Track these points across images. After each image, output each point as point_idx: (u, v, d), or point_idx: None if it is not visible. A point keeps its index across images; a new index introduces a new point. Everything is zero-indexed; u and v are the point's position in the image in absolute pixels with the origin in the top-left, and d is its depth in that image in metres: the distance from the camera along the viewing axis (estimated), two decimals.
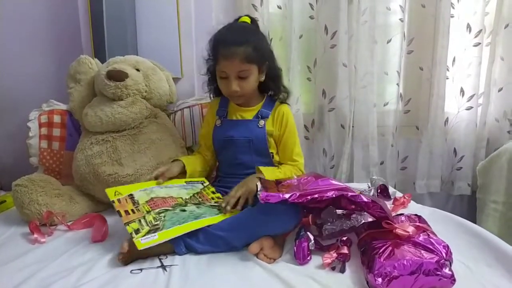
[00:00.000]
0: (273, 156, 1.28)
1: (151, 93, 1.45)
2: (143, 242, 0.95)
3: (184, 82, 1.69)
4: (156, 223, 1.02)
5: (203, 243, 1.01)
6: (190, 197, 1.17)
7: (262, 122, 1.25)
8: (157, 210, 1.07)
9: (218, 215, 1.08)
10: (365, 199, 0.95)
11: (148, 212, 1.06)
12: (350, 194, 0.96)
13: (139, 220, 1.02)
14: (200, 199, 1.17)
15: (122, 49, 1.61)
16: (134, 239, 0.95)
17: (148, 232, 0.98)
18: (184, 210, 1.09)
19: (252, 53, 1.16)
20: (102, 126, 1.35)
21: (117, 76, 1.35)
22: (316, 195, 0.95)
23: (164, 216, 1.05)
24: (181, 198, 1.15)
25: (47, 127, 1.54)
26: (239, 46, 1.14)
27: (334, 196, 0.96)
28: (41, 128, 1.54)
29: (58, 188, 1.34)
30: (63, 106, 1.58)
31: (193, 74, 1.68)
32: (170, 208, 1.09)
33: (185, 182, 1.24)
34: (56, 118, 1.55)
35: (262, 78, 1.25)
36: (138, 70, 1.43)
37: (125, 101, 1.37)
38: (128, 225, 1.00)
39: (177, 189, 1.19)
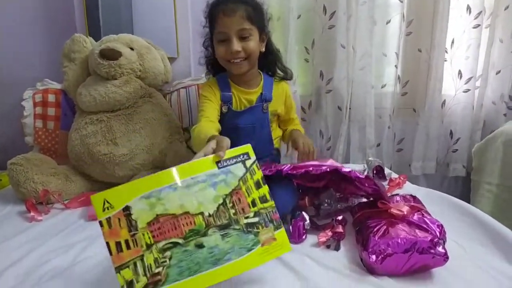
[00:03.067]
0: (272, 137, 1.27)
1: (146, 72, 1.43)
2: None
3: (180, 62, 1.67)
4: (157, 270, 0.71)
5: None
6: (218, 208, 0.77)
7: (266, 106, 1.23)
8: (161, 244, 0.72)
9: (249, 254, 0.75)
10: (358, 175, 0.96)
11: (148, 247, 0.72)
12: (344, 169, 0.97)
13: (134, 264, 0.71)
14: (232, 213, 0.77)
15: (117, 28, 1.58)
16: None
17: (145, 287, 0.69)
18: (201, 246, 0.74)
19: (254, 13, 1.12)
20: (96, 106, 1.34)
21: (110, 54, 1.33)
22: (310, 168, 0.97)
23: (170, 258, 0.72)
24: (201, 215, 0.75)
25: (41, 107, 1.53)
26: (241, 3, 1.10)
27: (328, 170, 0.97)
28: (35, 107, 1.53)
29: (53, 167, 1.33)
30: (57, 85, 1.56)
31: (189, 54, 1.66)
32: (180, 241, 0.73)
33: (218, 164, 0.79)
34: (51, 98, 1.53)
35: (263, 49, 1.20)
36: (132, 48, 1.41)
37: (119, 80, 1.35)
38: (119, 272, 0.69)
39: (200, 191, 0.76)
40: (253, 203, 0.79)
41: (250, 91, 1.24)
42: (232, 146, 0.93)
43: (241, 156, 0.81)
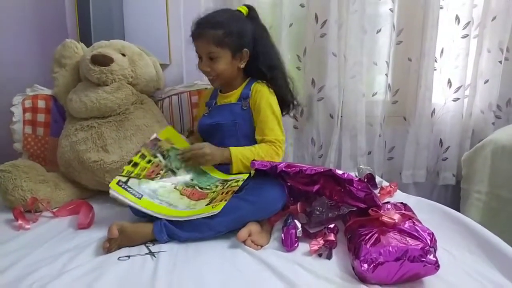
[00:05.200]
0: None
1: (137, 79, 1.42)
2: (116, 185, 1.02)
3: (173, 68, 1.67)
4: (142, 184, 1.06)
5: (187, 230, 0.99)
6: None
7: (246, 104, 1.24)
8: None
9: (193, 210, 1.03)
10: (352, 176, 0.97)
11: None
12: (338, 171, 0.99)
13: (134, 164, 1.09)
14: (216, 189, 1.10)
15: (108, 34, 1.58)
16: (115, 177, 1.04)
17: (128, 181, 1.05)
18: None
19: (222, 37, 1.17)
20: (86, 112, 1.33)
21: (101, 60, 1.32)
22: (305, 167, 0.99)
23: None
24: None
25: (31, 112, 1.51)
26: (209, 29, 1.17)
27: (322, 170, 0.99)
28: (25, 113, 1.51)
29: (42, 174, 1.32)
30: (47, 91, 1.54)
31: (182, 61, 1.66)
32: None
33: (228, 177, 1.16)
34: (41, 103, 1.51)
35: (242, 65, 1.25)
36: (124, 55, 1.41)
37: (110, 86, 1.34)
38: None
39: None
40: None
41: (231, 94, 1.29)
42: (217, 144, 1.18)
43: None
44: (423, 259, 0.78)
